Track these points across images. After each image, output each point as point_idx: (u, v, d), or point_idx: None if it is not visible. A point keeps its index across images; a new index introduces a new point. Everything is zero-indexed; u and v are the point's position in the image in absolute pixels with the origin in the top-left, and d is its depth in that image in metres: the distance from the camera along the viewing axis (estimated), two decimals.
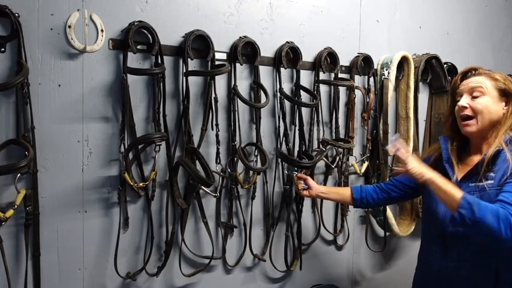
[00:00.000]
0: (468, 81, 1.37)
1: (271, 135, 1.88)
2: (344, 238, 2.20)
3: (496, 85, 1.33)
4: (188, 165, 1.53)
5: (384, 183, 1.69)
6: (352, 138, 2.10)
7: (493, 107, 1.32)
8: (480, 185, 1.30)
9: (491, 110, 1.32)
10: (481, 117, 1.31)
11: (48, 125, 1.39)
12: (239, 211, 1.81)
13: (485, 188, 1.28)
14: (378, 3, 2.22)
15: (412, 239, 2.43)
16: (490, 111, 1.32)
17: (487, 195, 1.26)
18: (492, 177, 1.28)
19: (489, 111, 1.31)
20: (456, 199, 1.19)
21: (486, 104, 1.32)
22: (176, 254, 1.64)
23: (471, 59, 2.71)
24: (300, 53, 1.86)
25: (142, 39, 1.51)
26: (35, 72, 1.35)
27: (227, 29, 1.72)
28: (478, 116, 1.32)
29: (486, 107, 1.31)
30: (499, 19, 2.91)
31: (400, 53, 2.16)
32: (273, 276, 1.96)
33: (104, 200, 1.50)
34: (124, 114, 1.48)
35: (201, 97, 1.67)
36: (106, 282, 1.53)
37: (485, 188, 1.28)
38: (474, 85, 1.34)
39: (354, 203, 1.69)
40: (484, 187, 1.28)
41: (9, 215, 1.25)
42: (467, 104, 1.33)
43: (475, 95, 1.33)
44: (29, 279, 1.36)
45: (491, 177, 1.28)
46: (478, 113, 1.32)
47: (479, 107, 1.32)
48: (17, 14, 1.29)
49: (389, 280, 2.42)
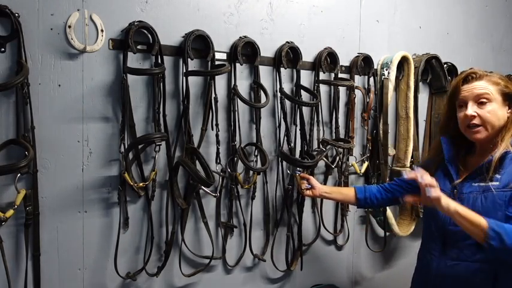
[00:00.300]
0: (471, 87, 1.34)
1: (271, 135, 1.88)
2: (344, 238, 2.20)
3: (499, 89, 1.32)
4: (188, 165, 1.53)
5: (388, 183, 1.68)
6: (352, 138, 2.10)
7: (500, 112, 1.31)
8: (484, 185, 1.29)
9: (499, 117, 1.30)
10: (490, 126, 1.30)
11: (48, 125, 1.39)
12: (239, 211, 1.81)
13: (490, 189, 1.27)
14: (378, 3, 2.22)
15: (412, 239, 2.43)
16: (499, 118, 1.30)
17: (492, 196, 1.26)
18: (497, 179, 1.27)
19: (497, 117, 1.30)
20: (483, 230, 1.17)
21: (494, 112, 1.30)
22: (176, 254, 1.64)
23: (471, 59, 2.71)
24: (300, 53, 1.86)
25: (142, 39, 1.52)
26: (35, 72, 1.35)
27: (227, 29, 1.72)
28: (488, 125, 1.30)
29: (495, 113, 1.30)
30: (499, 19, 2.91)
31: (400, 53, 2.16)
32: (273, 276, 1.96)
33: (104, 200, 1.50)
34: (124, 114, 1.48)
35: (201, 97, 1.67)
36: (106, 282, 1.53)
37: (490, 189, 1.27)
38: (479, 92, 1.31)
39: (357, 203, 1.68)
40: (488, 187, 1.27)
41: (9, 215, 1.25)
42: (475, 113, 1.30)
43: (482, 102, 1.30)
44: (29, 279, 1.36)
45: (496, 178, 1.27)
46: (487, 121, 1.30)
47: (488, 115, 1.29)
48: (17, 14, 1.29)
49: (389, 280, 2.41)
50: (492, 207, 1.26)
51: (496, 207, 1.25)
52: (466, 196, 1.32)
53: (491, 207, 1.26)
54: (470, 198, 1.31)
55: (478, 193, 1.29)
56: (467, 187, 1.33)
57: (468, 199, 1.31)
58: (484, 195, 1.28)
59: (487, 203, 1.27)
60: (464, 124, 1.34)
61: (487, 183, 1.28)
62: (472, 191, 1.31)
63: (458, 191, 1.34)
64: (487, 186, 1.28)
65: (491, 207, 1.26)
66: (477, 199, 1.29)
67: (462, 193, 1.33)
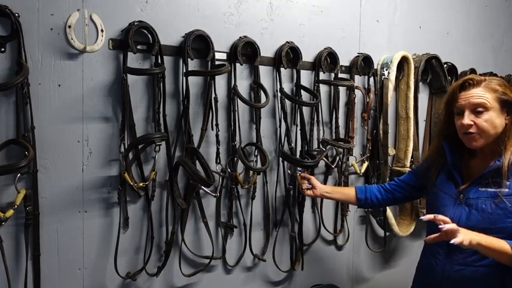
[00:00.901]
0: (468, 95, 1.30)
1: (271, 135, 1.88)
2: (344, 238, 2.20)
3: (497, 97, 1.29)
4: (188, 165, 1.53)
5: (388, 183, 1.68)
6: (352, 138, 2.10)
7: (497, 120, 1.28)
8: (492, 191, 1.27)
9: (497, 125, 1.28)
10: (486, 134, 1.28)
11: (48, 125, 1.39)
12: (239, 211, 1.81)
13: (498, 195, 1.26)
14: (378, 3, 2.22)
15: (412, 239, 2.43)
16: (496, 126, 1.28)
17: (503, 203, 1.25)
18: (507, 185, 1.26)
19: (494, 126, 1.28)
20: (509, 255, 1.18)
21: (491, 121, 1.28)
22: (176, 254, 1.64)
23: (471, 59, 2.71)
24: (300, 53, 1.86)
25: (143, 39, 1.51)
26: (35, 72, 1.35)
27: (227, 29, 1.72)
28: (484, 134, 1.28)
29: (492, 122, 1.28)
30: (499, 19, 2.91)
31: (400, 53, 2.16)
32: (273, 276, 1.96)
33: (104, 200, 1.50)
34: (124, 114, 1.48)
35: (201, 97, 1.67)
36: (106, 282, 1.53)
37: (499, 195, 1.25)
38: (476, 101, 1.28)
39: (358, 202, 1.68)
40: (496, 194, 1.26)
41: (9, 215, 1.25)
42: (472, 122, 1.28)
43: (479, 111, 1.28)
44: (29, 279, 1.36)
45: (506, 185, 1.26)
46: (484, 130, 1.28)
47: (485, 124, 1.27)
48: (17, 14, 1.29)
49: (389, 280, 2.41)
50: (502, 214, 1.25)
51: (507, 214, 1.24)
52: (473, 202, 1.30)
53: (501, 214, 1.25)
54: (479, 203, 1.29)
55: (487, 199, 1.28)
56: (473, 192, 1.31)
57: (476, 205, 1.29)
58: (494, 201, 1.26)
59: (497, 210, 1.25)
60: (461, 132, 1.33)
61: (496, 189, 1.27)
62: (480, 196, 1.29)
63: (465, 196, 1.33)
64: (496, 192, 1.26)
65: (501, 214, 1.25)
66: (486, 205, 1.28)
67: (469, 198, 1.32)
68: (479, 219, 1.26)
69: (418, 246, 1.57)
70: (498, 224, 1.24)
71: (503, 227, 1.24)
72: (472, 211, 1.29)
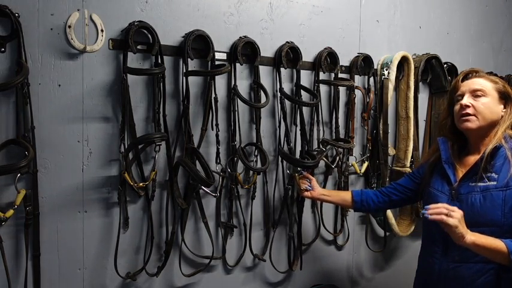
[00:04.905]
0: (470, 82, 1.40)
1: (271, 135, 1.88)
2: (344, 238, 2.20)
3: (497, 87, 1.37)
4: (188, 165, 1.53)
5: (385, 187, 1.70)
6: (352, 138, 2.10)
7: (494, 107, 1.36)
8: (481, 186, 1.30)
9: (493, 110, 1.35)
10: (482, 116, 1.34)
11: (48, 125, 1.39)
12: (239, 211, 1.81)
13: (487, 189, 1.28)
14: (378, 3, 2.22)
15: (412, 239, 2.43)
16: (492, 111, 1.35)
17: (490, 196, 1.27)
18: (495, 178, 1.28)
19: (490, 111, 1.35)
20: (504, 254, 1.19)
21: (488, 104, 1.35)
22: (176, 254, 1.64)
23: (471, 59, 2.71)
24: (300, 53, 1.86)
25: (142, 39, 1.51)
26: (35, 72, 1.35)
27: (227, 29, 1.72)
28: (479, 115, 1.34)
29: (488, 106, 1.35)
30: (499, 19, 2.91)
31: (400, 53, 2.16)
32: (273, 276, 1.96)
33: (104, 200, 1.50)
34: (124, 114, 1.48)
35: (201, 97, 1.67)
36: (106, 282, 1.53)
37: (488, 189, 1.28)
38: (476, 86, 1.37)
39: (354, 205, 1.69)
40: (486, 188, 1.29)
41: (9, 215, 1.25)
42: (469, 103, 1.35)
43: (478, 94, 1.36)
44: (29, 279, 1.36)
45: (493, 178, 1.29)
46: (480, 112, 1.34)
47: (481, 106, 1.34)
48: (17, 14, 1.29)
49: (389, 280, 2.41)
50: (491, 206, 1.26)
51: (495, 207, 1.26)
52: (464, 197, 1.33)
53: (490, 207, 1.26)
54: (469, 198, 1.31)
55: (476, 193, 1.30)
56: (464, 188, 1.33)
57: (466, 200, 1.31)
58: (483, 195, 1.29)
59: (486, 203, 1.27)
60: (458, 115, 1.38)
61: (485, 183, 1.29)
62: (470, 191, 1.31)
63: (457, 191, 1.35)
64: (485, 186, 1.29)
65: (490, 206, 1.27)
66: (476, 199, 1.30)
67: (460, 194, 1.34)
68: (469, 213, 1.27)
69: (418, 246, 1.57)
70: (488, 216, 1.26)
71: (493, 219, 1.26)
72: (463, 206, 1.30)
